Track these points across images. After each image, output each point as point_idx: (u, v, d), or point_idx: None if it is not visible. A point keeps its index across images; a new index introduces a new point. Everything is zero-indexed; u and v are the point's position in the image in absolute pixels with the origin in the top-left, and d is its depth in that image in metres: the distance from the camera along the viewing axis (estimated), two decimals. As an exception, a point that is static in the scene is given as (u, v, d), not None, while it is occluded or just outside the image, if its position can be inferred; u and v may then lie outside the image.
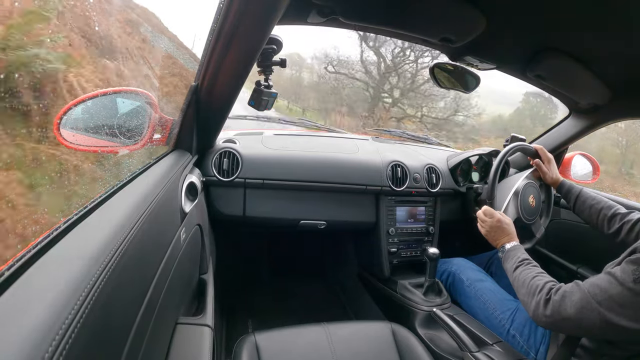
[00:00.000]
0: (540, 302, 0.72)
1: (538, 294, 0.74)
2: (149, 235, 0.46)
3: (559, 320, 0.69)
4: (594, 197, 1.00)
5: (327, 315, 1.44)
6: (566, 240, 1.28)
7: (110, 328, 0.33)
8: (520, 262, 0.84)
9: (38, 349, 0.22)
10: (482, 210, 0.99)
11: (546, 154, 1.13)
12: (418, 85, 9.93)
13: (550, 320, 0.71)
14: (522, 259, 0.85)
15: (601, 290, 0.65)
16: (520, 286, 0.80)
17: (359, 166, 1.18)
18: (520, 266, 0.84)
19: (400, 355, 0.85)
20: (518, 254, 0.87)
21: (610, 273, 0.66)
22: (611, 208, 0.94)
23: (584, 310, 0.66)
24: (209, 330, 0.67)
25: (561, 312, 0.69)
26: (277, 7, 0.55)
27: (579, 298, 0.67)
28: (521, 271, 0.82)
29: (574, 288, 0.70)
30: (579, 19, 0.72)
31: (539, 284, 0.76)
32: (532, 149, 1.13)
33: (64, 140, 0.66)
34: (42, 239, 0.34)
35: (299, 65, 13.26)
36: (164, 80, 2.47)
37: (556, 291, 0.72)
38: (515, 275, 0.83)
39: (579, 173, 1.44)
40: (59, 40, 1.58)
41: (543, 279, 0.77)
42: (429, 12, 0.75)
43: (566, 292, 0.70)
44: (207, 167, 1.02)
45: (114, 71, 2.07)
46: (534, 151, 1.13)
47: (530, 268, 0.82)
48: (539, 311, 0.72)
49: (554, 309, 0.70)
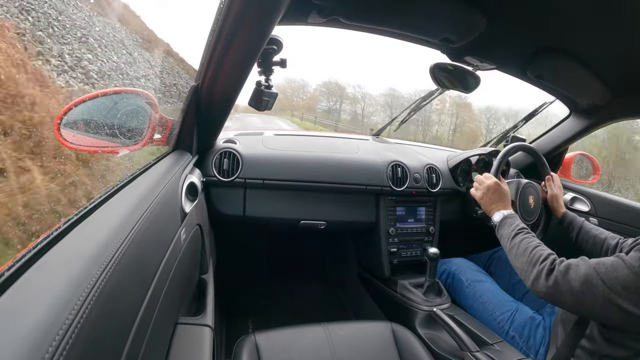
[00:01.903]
0: (542, 272, 0.71)
1: (541, 263, 0.72)
2: (149, 235, 0.46)
3: (560, 292, 0.68)
4: (597, 228, 1.00)
5: (327, 315, 1.44)
6: (566, 240, 1.28)
7: (111, 328, 0.33)
8: (519, 230, 0.83)
9: (38, 349, 0.22)
10: (482, 175, 0.98)
11: (558, 181, 1.12)
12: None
13: (552, 291, 0.69)
14: (520, 227, 0.84)
15: (608, 269, 0.65)
16: (519, 254, 0.78)
17: (359, 166, 1.18)
18: (519, 234, 0.82)
19: (400, 355, 0.85)
20: (516, 222, 0.86)
21: (619, 256, 0.66)
22: (615, 238, 0.93)
23: (588, 285, 0.65)
24: (209, 330, 0.67)
25: (564, 284, 0.67)
26: (277, 7, 0.55)
27: (584, 272, 0.66)
28: (521, 239, 0.80)
29: (580, 262, 0.69)
30: (579, 19, 0.72)
31: (542, 253, 0.74)
32: (549, 170, 1.13)
33: (64, 140, 0.66)
34: (42, 239, 0.34)
35: (339, 96, 14.48)
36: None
37: (560, 262, 0.71)
38: (514, 242, 0.81)
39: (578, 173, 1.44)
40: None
41: (545, 249, 0.76)
42: (430, 12, 0.75)
43: (571, 264, 0.69)
44: (207, 167, 1.02)
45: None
46: (549, 173, 1.12)
47: (530, 237, 0.80)
48: (540, 281, 0.71)
49: (557, 280, 0.68)
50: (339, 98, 19.51)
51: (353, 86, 21.79)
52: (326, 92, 22.49)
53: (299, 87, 22.13)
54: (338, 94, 20.53)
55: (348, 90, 21.74)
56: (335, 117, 19.42)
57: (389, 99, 21.84)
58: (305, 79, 25.66)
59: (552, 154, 1.39)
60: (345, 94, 21.25)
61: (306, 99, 22.67)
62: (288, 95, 21.50)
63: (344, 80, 24.03)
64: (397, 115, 1.54)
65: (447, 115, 22.57)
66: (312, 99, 22.13)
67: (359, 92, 21.88)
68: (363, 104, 21.63)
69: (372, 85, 28.48)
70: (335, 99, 19.86)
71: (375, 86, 27.81)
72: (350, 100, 20.69)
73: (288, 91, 21.88)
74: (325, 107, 19.90)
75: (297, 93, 21.81)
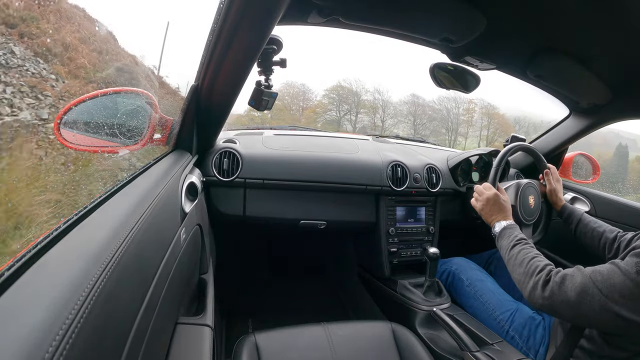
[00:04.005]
0: (538, 283, 0.71)
1: (537, 274, 0.73)
2: (149, 235, 0.46)
3: (557, 303, 0.68)
4: (595, 221, 0.99)
5: (327, 315, 1.44)
6: (566, 240, 1.28)
7: (111, 328, 0.33)
8: (517, 241, 0.83)
9: (38, 349, 0.22)
10: (482, 185, 0.98)
11: (557, 174, 1.12)
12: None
13: (548, 302, 0.69)
14: (519, 238, 0.84)
15: (604, 277, 0.64)
16: (517, 265, 0.78)
17: (359, 166, 1.18)
18: (517, 245, 0.82)
19: (400, 355, 0.85)
20: (515, 233, 0.86)
21: (614, 263, 0.66)
22: (613, 231, 0.93)
23: (584, 295, 0.65)
24: (209, 330, 0.67)
25: (560, 295, 0.68)
26: (277, 7, 0.55)
27: (580, 282, 0.66)
28: (519, 250, 0.80)
29: (576, 272, 0.69)
30: (579, 19, 0.72)
31: (538, 264, 0.74)
32: (546, 163, 1.12)
33: (64, 140, 0.66)
34: (42, 239, 0.34)
35: (354, 104, 12.47)
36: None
37: (556, 273, 0.71)
38: (512, 254, 0.81)
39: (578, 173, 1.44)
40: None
41: (542, 260, 0.76)
42: (430, 12, 0.75)
43: (567, 275, 0.69)
44: (207, 167, 1.02)
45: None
46: (547, 166, 1.12)
47: (528, 248, 0.80)
48: (537, 292, 0.71)
49: (553, 291, 0.69)
50: (355, 106, 16.69)
51: (371, 92, 18.12)
52: (336, 98, 18.96)
53: (298, 94, 18.54)
54: (352, 101, 17.42)
55: (364, 97, 17.97)
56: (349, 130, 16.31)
57: (412, 108, 18.87)
58: (307, 83, 21.29)
59: (552, 154, 1.39)
60: (362, 101, 17.56)
61: (312, 106, 18.73)
62: (286, 103, 17.84)
63: (359, 85, 19.34)
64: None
65: (476, 129, 20.04)
66: (319, 106, 18.53)
67: (380, 100, 18.25)
68: (382, 114, 18.39)
69: (392, 91, 23.46)
70: (347, 107, 16.91)
71: (395, 92, 23.47)
72: (366, 110, 17.65)
73: (286, 99, 18.24)
74: (335, 118, 16.49)
75: (297, 100, 18.62)
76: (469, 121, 19.91)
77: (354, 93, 18.84)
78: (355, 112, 18.56)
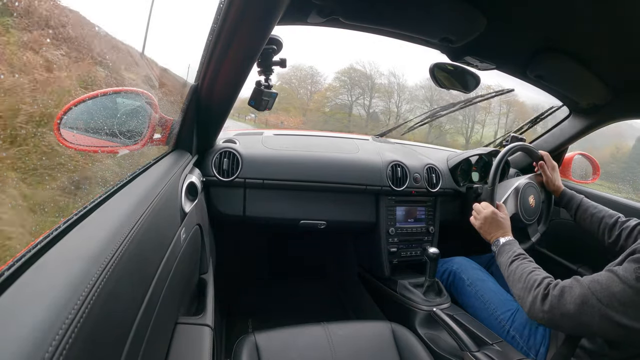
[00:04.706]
0: (537, 297, 0.71)
1: (535, 288, 0.72)
2: (149, 235, 0.46)
3: (558, 316, 0.68)
4: (595, 205, 0.99)
5: (327, 315, 1.44)
6: (566, 240, 1.28)
7: (110, 328, 0.33)
8: (515, 257, 0.83)
9: (38, 349, 0.22)
10: (480, 204, 0.98)
11: (551, 161, 1.12)
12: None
13: (548, 316, 0.69)
14: (517, 253, 0.84)
15: (602, 287, 0.64)
16: (516, 281, 0.78)
17: (359, 166, 1.18)
18: (515, 260, 0.82)
19: (400, 355, 0.85)
20: (513, 248, 0.86)
21: (612, 271, 0.66)
22: (612, 216, 0.93)
23: (584, 306, 0.65)
24: (209, 330, 0.67)
25: (560, 308, 0.67)
26: (277, 7, 0.55)
27: (579, 293, 0.66)
28: (517, 265, 0.80)
29: (574, 283, 0.69)
30: (578, 19, 0.72)
31: (536, 278, 0.74)
32: (538, 153, 1.12)
33: (64, 140, 0.66)
34: (42, 239, 0.33)
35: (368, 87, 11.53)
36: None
37: (554, 286, 0.70)
38: (510, 269, 0.81)
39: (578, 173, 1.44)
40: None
41: (540, 274, 0.76)
42: (429, 12, 0.75)
43: (565, 287, 0.69)
44: (207, 167, 1.02)
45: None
46: (539, 156, 1.12)
47: (526, 263, 0.80)
48: (536, 306, 0.71)
49: (553, 305, 0.68)
50: (368, 90, 15.56)
51: (386, 75, 16.24)
52: (348, 81, 17.21)
53: (306, 77, 16.80)
54: (365, 85, 15.35)
55: (379, 80, 15.97)
56: (362, 122, 14.17)
57: (429, 92, 16.75)
58: (316, 66, 19.20)
59: (552, 154, 1.39)
60: (376, 85, 15.66)
61: (321, 90, 16.93)
62: (294, 86, 16.31)
63: (373, 68, 17.91)
64: (407, 121, 1.54)
65: (494, 116, 17.98)
66: (329, 89, 16.89)
67: (395, 83, 16.25)
68: (398, 99, 16.44)
69: (408, 75, 21.46)
70: (360, 91, 15.11)
71: (411, 76, 21.80)
72: (380, 94, 15.54)
73: (294, 82, 16.65)
74: (347, 102, 14.72)
75: (304, 84, 17.18)
76: (487, 108, 18.18)
77: (367, 76, 17.40)
78: (369, 96, 17.28)
